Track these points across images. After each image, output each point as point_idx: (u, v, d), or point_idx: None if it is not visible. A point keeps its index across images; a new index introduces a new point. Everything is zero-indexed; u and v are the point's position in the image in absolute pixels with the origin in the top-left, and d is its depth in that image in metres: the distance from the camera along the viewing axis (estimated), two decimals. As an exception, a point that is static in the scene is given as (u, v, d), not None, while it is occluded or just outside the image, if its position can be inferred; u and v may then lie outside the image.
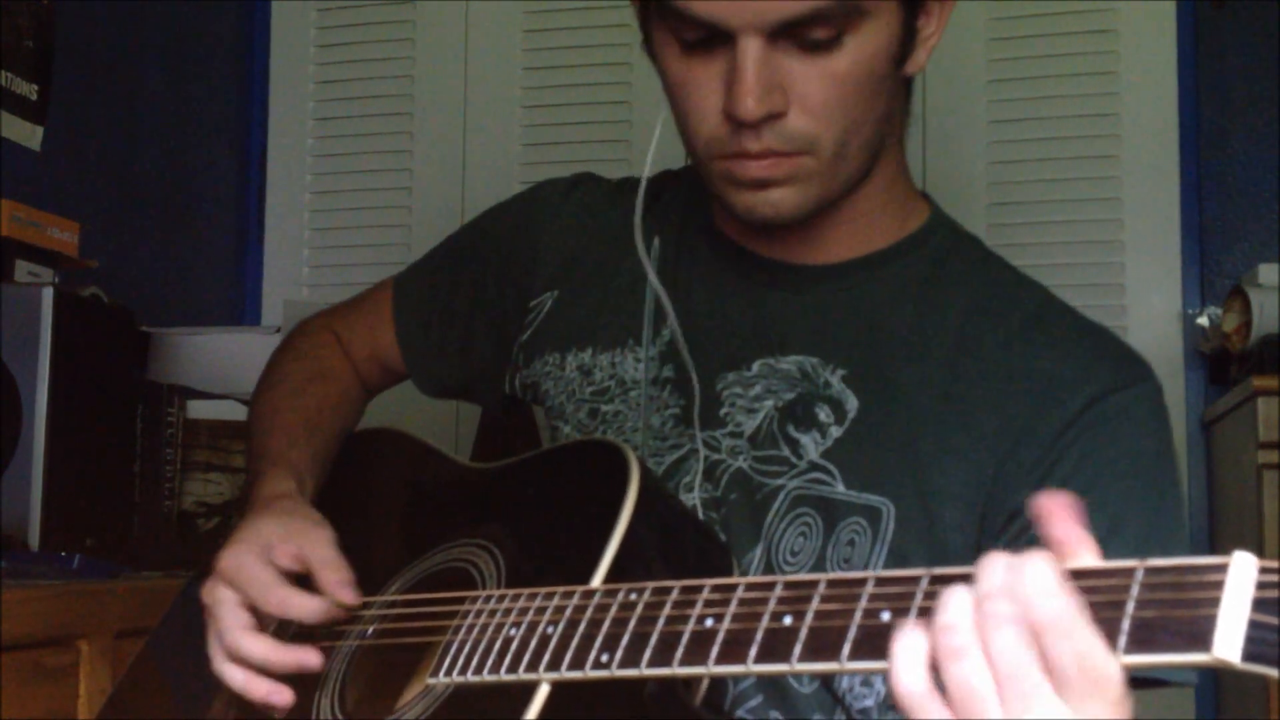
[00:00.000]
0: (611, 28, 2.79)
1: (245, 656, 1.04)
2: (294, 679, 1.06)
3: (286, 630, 1.08)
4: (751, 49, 1.01)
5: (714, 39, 1.03)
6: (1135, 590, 0.64)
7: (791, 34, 1.01)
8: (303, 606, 1.04)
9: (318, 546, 1.06)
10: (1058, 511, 0.69)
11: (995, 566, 0.68)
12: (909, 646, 0.68)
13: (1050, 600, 0.65)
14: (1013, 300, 1.13)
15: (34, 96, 2.24)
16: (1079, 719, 0.65)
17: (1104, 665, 0.64)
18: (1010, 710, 0.66)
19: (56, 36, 2.29)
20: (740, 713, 1.08)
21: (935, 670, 0.68)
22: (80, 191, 2.40)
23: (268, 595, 1.04)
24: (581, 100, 2.82)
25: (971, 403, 1.08)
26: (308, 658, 1.04)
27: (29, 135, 2.24)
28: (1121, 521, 1.03)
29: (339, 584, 1.04)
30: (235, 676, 1.05)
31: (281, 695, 1.04)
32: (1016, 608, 0.66)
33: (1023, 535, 1.04)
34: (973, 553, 1.03)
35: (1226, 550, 0.63)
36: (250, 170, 2.96)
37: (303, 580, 1.06)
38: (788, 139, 1.04)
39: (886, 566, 1.05)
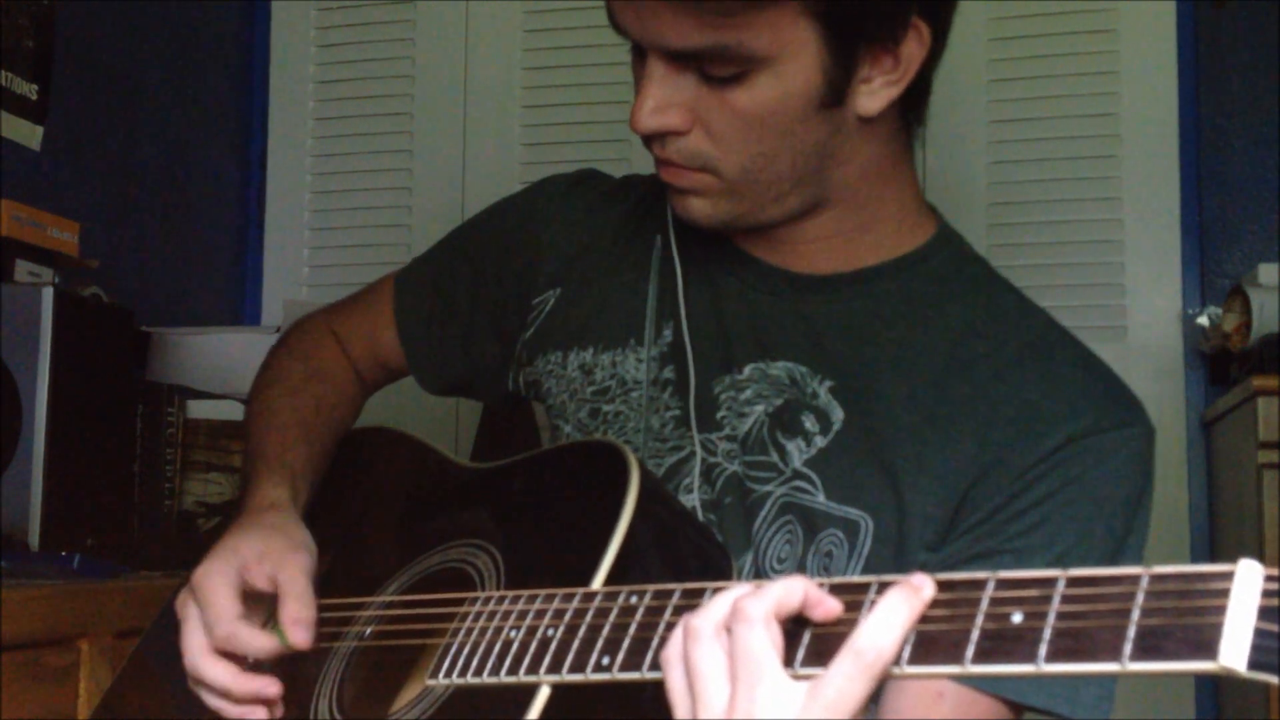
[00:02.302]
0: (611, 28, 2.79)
1: (204, 681, 1.05)
2: (289, 680, 1.06)
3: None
4: (655, 67, 1.04)
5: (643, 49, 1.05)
6: (1140, 598, 0.64)
7: (693, 63, 1.02)
8: (250, 643, 1.04)
9: (292, 574, 1.06)
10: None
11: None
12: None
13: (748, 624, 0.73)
14: (1012, 326, 1.12)
15: (34, 96, 2.24)
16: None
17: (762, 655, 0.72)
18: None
19: (56, 36, 2.28)
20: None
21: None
22: (80, 191, 2.40)
23: (218, 625, 1.04)
24: (581, 100, 2.82)
25: (955, 425, 1.07)
26: (266, 688, 1.04)
27: (29, 135, 2.24)
28: (1067, 560, 1.01)
29: (295, 622, 1.04)
30: (207, 697, 1.06)
31: (255, 715, 1.04)
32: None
33: (960, 554, 1.04)
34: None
35: (1227, 551, 0.63)
36: (250, 170, 2.96)
37: (275, 603, 1.06)
38: (686, 156, 1.07)
39: None
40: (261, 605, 1.08)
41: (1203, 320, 2.53)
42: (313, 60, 2.96)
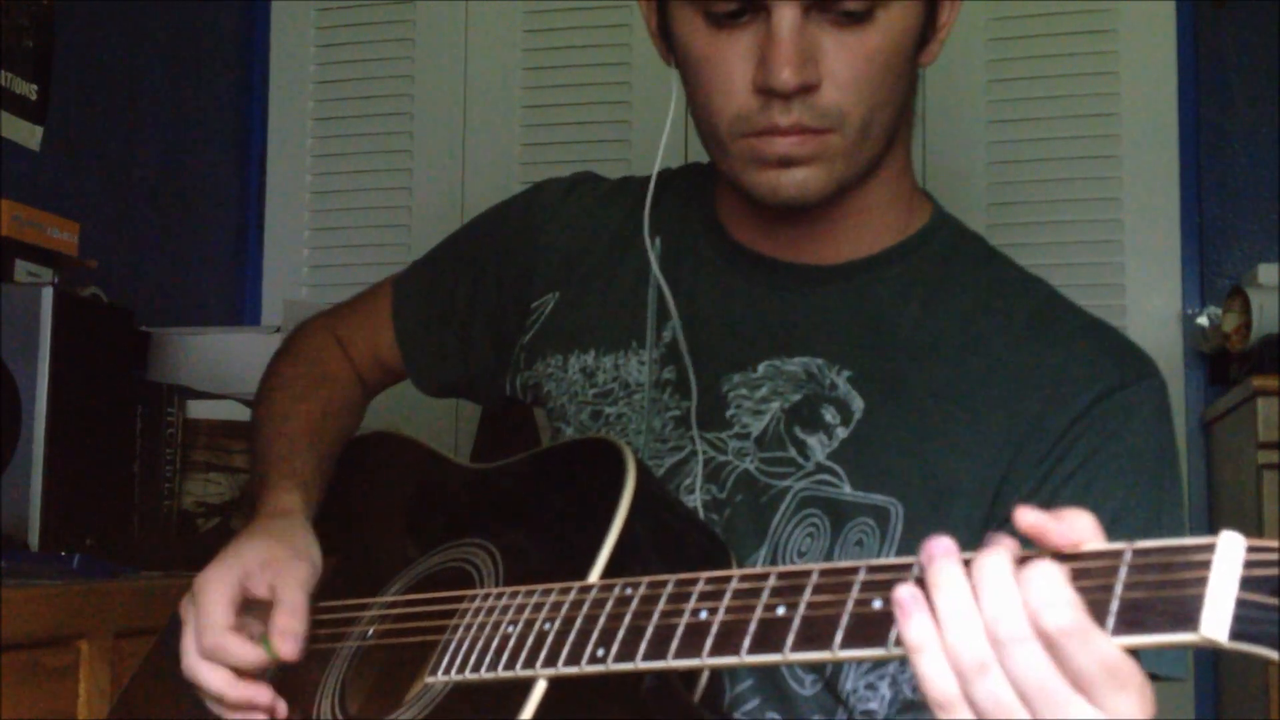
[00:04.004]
0: (611, 28, 2.79)
1: (199, 685, 1.05)
2: (293, 681, 1.06)
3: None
4: (788, 19, 1.01)
5: (744, 11, 1.03)
6: (1123, 572, 0.64)
7: (825, 6, 1.01)
8: (235, 653, 1.04)
9: (289, 585, 1.06)
10: (1047, 522, 0.68)
11: (1000, 585, 0.68)
12: (929, 656, 0.69)
13: (1061, 610, 0.65)
14: (1017, 298, 1.13)
15: (34, 96, 2.24)
16: (1111, 718, 0.66)
17: (1122, 660, 0.65)
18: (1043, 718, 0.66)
19: (56, 36, 2.29)
20: (738, 715, 1.07)
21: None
22: (80, 191, 2.40)
23: (206, 634, 1.04)
24: (581, 100, 2.82)
25: (979, 401, 1.08)
26: (258, 695, 1.04)
27: (29, 135, 2.24)
28: (1122, 518, 1.04)
29: (284, 633, 1.04)
30: (205, 699, 1.06)
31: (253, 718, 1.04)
32: (1030, 624, 0.66)
33: None
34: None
35: (1225, 549, 0.63)
36: (250, 170, 2.96)
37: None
38: (818, 114, 1.04)
39: None
40: (261, 612, 1.08)
41: (1202, 320, 2.53)
42: (313, 60, 2.96)
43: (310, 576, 1.08)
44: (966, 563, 0.69)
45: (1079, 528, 0.68)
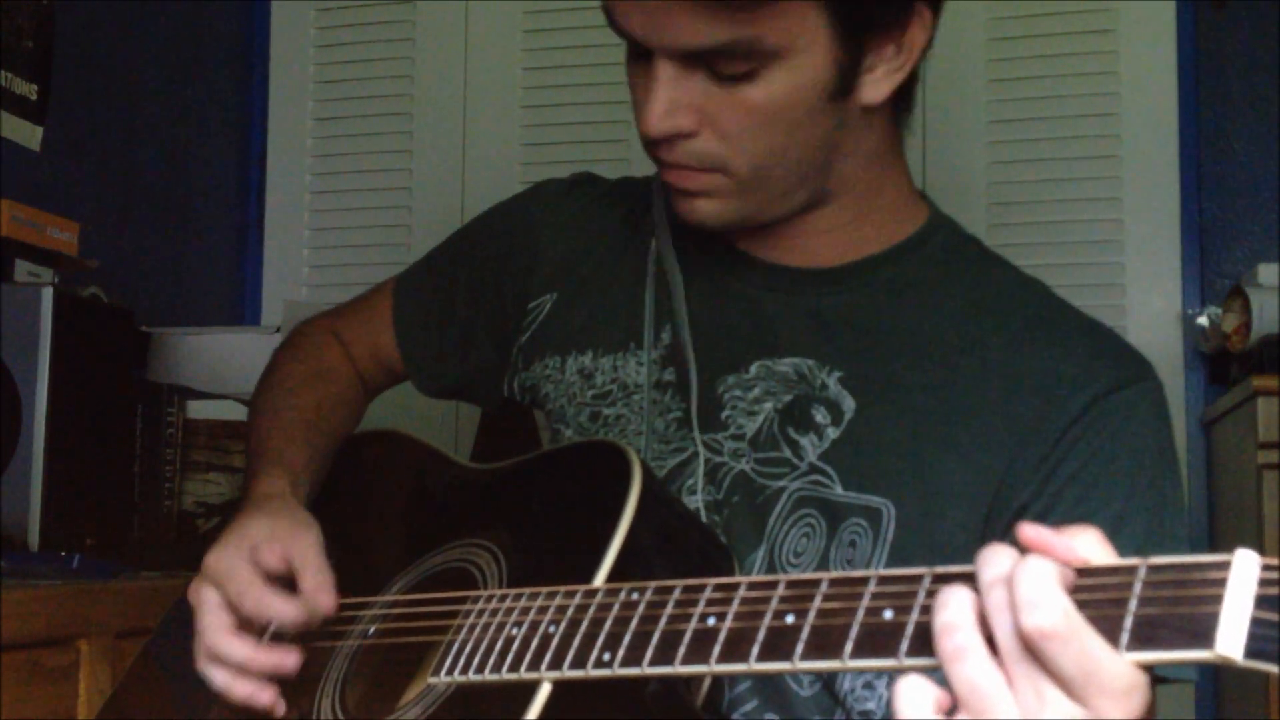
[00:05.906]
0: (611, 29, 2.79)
1: (224, 657, 1.04)
2: (293, 679, 1.06)
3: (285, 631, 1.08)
4: (663, 70, 1.03)
5: (643, 53, 1.05)
6: (1138, 588, 0.64)
7: (704, 62, 1.02)
8: (279, 609, 1.04)
9: (303, 548, 1.06)
10: (1048, 537, 0.67)
11: (999, 555, 0.68)
12: (909, 688, 0.68)
13: (1045, 610, 0.64)
14: (1014, 300, 1.13)
15: (34, 96, 2.24)
16: (1095, 718, 0.65)
17: (1108, 665, 0.64)
18: (1026, 708, 0.66)
19: (56, 36, 2.28)
20: (736, 716, 1.07)
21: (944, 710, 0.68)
22: (80, 191, 2.40)
23: (245, 596, 1.04)
24: (581, 100, 2.82)
25: (974, 402, 1.08)
26: (286, 659, 1.04)
27: (29, 135, 2.24)
28: (1124, 519, 1.04)
29: (317, 588, 1.04)
30: (217, 677, 1.05)
31: (263, 696, 1.04)
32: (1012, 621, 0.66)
33: None
34: (976, 552, 1.04)
35: (1226, 550, 0.63)
36: (250, 170, 2.96)
37: (289, 582, 1.06)
38: (696, 157, 1.06)
39: (887, 566, 1.05)
40: (275, 585, 1.07)
41: (1202, 320, 2.53)
42: (313, 60, 2.96)
43: (319, 540, 1.08)
44: (970, 575, 0.69)
45: (1083, 541, 0.68)
